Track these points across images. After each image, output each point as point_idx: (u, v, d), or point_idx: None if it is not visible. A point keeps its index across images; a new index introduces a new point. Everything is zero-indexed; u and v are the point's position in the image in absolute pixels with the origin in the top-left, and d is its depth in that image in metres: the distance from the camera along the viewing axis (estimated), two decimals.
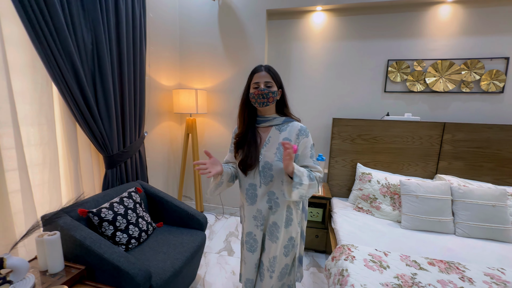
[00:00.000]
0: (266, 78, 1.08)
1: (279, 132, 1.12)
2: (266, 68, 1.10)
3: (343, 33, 2.44)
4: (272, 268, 1.19)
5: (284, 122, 1.14)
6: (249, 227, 1.20)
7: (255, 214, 1.17)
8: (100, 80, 1.61)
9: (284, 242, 1.18)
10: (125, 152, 1.85)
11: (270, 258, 1.18)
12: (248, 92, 1.12)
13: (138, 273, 1.18)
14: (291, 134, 1.11)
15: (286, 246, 1.19)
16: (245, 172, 1.13)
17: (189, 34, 2.71)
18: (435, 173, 2.21)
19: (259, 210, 1.15)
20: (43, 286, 1.09)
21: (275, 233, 1.15)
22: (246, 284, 1.27)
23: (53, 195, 1.47)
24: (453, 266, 1.37)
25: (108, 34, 1.64)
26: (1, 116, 1.19)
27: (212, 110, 2.78)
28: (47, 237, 1.15)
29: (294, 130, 1.11)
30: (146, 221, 1.66)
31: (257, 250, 1.20)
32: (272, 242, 1.16)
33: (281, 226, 1.15)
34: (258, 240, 1.19)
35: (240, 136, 1.15)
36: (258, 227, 1.18)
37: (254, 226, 1.18)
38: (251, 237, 1.20)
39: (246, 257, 1.24)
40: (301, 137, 1.10)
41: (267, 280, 1.20)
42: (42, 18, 1.23)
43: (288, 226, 1.17)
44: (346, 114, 2.52)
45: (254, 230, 1.19)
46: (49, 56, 1.30)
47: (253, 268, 1.23)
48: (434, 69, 2.26)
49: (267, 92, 1.06)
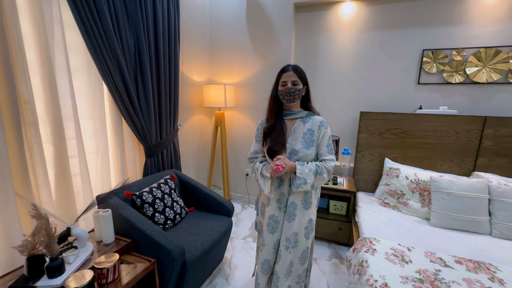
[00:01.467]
0: (293, 77, 1.22)
1: (303, 123, 1.28)
2: (293, 68, 1.24)
3: (373, 23, 2.35)
4: (291, 244, 1.26)
5: (307, 116, 1.30)
6: (272, 210, 1.30)
7: (279, 197, 1.29)
8: (141, 79, 1.81)
9: (304, 224, 1.28)
10: (161, 143, 2.05)
11: (289, 236, 1.26)
12: (277, 89, 1.28)
13: (175, 248, 1.35)
14: (313, 125, 1.27)
15: (306, 228, 1.28)
16: (272, 157, 1.25)
17: (218, 32, 2.83)
18: (472, 170, 2.07)
19: (283, 193, 1.28)
20: (99, 253, 1.32)
21: (292, 212, 1.26)
22: (263, 265, 1.34)
23: (104, 179, 1.72)
24: (483, 266, 1.32)
25: (147, 36, 1.81)
26: (66, 111, 1.42)
27: (239, 104, 2.90)
28: (102, 213, 1.37)
29: (316, 122, 1.27)
30: (180, 205, 1.85)
31: (277, 231, 1.30)
32: (289, 222, 1.26)
33: (299, 206, 1.27)
34: (279, 221, 1.30)
35: (269, 127, 1.29)
36: (281, 209, 1.29)
37: (277, 208, 1.30)
38: (273, 219, 1.30)
39: (266, 239, 1.32)
40: (322, 128, 1.27)
41: (285, 256, 1.27)
42: (95, 26, 1.43)
43: (308, 208, 1.29)
44: (374, 107, 2.45)
45: (276, 212, 1.30)
46: (100, 59, 1.50)
47: (271, 249, 1.31)
48: (476, 58, 2.08)
49: (293, 91, 1.22)
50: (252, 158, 1.38)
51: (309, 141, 1.24)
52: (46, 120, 1.35)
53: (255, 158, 1.37)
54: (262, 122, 1.37)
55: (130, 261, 1.32)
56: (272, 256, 1.33)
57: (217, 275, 1.85)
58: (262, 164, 1.30)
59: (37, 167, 1.29)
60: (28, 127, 1.25)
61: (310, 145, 1.24)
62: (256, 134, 1.39)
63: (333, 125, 2.64)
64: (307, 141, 1.24)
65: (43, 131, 1.34)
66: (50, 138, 1.37)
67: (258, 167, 1.29)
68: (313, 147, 1.24)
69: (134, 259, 1.34)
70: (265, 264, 1.34)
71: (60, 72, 1.37)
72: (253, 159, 1.38)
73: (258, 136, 1.37)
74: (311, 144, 1.24)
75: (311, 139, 1.25)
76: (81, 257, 1.23)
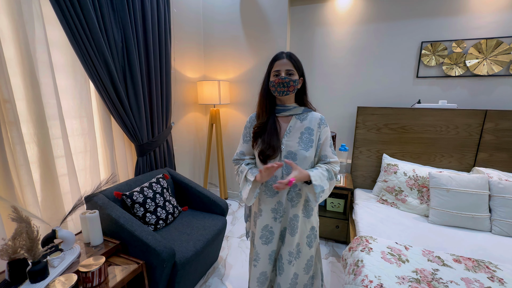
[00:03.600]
0: (288, 65, 1.04)
1: (299, 121, 1.11)
2: (288, 55, 1.06)
3: (370, 15, 2.28)
4: (293, 256, 1.15)
5: (304, 112, 1.13)
6: (266, 220, 1.15)
7: (274, 206, 1.13)
8: (130, 76, 1.75)
9: (306, 232, 1.17)
10: (154, 141, 2.01)
11: (291, 250, 1.14)
12: (268, 80, 1.09)
13: (164, 250, 1.31)
14: (312, 123, 1.10)
15: (309, 236, 1.18)
16: (265, 161, 1.07)
17: (212, 27, 2.76)
18: (473, 166, 2.02)
19: (280, 202, 1.12)
20: (87, 256, 1.28)
21: (296, 225, 1.12)
22: (259, 279, 1.21)
23: (94, 179, 1.68)
24: (483, 265, 1.28)
25: (135, 31, 1.76)
26: (50, 110, 1.37)
27: (234, 101, 2.84)
28: (89, 214, 1.33)
29: (315, 120, 1.11)
30: (173, 204, 1.81)
31: (272, 242, 1.16)
32: (292, 236, 1.13)
33: (301, 217, 1.14)
34: (274, 232, 1.15)
35: (260, 125, 1.10)
36: (277, 220, 1.13)
37: (271, 219, 1.14)
38: (267, 229, 1.15)
39: (260, 251, 1.17)
40: (322, 126, 1.11)
41: (288, 270, 1.16)
42: (78, 21, 1.37)
43: (310, 216, 1.17)
44: (372, 102, 2.39)
45: (271, 222, 1.14)
46: (85, 56, 1.45)
47: (266, 260, 1.18)
48: (476, 50, 2.02)
49: (288, 81, 1.03)
50: (238, 160, 1.20)
51: (307, 141, 1.08)
52: (29, 120, 1.30)
53: (241, 160, 1.19)
54: (251, 119, 1.18)
55: (118, 263, 1.29)
56: (268, 267, 1.20)
57: (211, 275, 1.82)
58: (248, 166, 1.13)
59: (20, 168, 1.26)
60: (9, 127, 1.21)
61: (309, 146, 1.07)
62: (244, 133, 1.19)
63: (329, 120, 2.58)
64: (305, 141, 1.07)
65: (26, 131, 1.29)
66: (33, 138, 1.33)
67: (244, 169, 1.12)
68: (312, 148, 1.08)
69: (122, 261, 1.31)
70: (262, 277, 1.21)
71: (42, 69, 1.32)
72: (238, 161, 1.20)
73: (246, 135, 1.18)
74: (310, 145, 1.08)
75: (310, 139, 1.08)
76: (67, 260, 1.20)
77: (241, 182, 1.12)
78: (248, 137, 1.18)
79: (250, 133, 1.15)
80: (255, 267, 1.21)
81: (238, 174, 1.16)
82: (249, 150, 1.18)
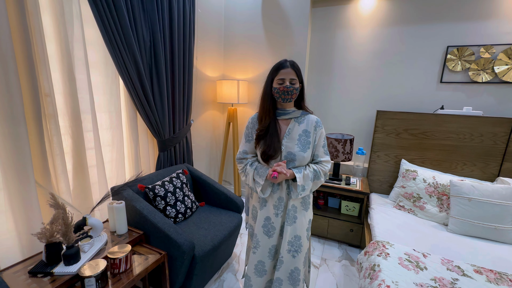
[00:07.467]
0: (291, 75, 1.14)
1: (298, 124, 1.21)
2: (291, 64, 1.16)
3: (394, 18, 2.25)
4: (294, 248, 1.20)
5: (301, 115, 1.23)
6: (267, 213, 1.23)
7: (275, 203, 1.21)
8: (156, 74, 1.82)
9: (306, 225, 1.24)
10: (174, 138, 2.08)
11: (291, 239, 1.20)
12: (271, 86, 1.18)
13: (184, 242, 1.37)
14: (309, 126, 1.21)
15: (308, 229, 1.26)
16: (267, 161, 1.18)
17: (233, 27, 2.81)
18: (497, 176, 1.95)
19: (281, 197, 1.21)
20: (112, 244, 1.36)
21: (293, 215, 1.21)
22: (257, 266, 1.26)
23: (119, 171, 1.76)
24: (506, 278, 1.25)
25: (163, 31, 1.82)
26: (83, 104, 1.46)
27: (252, 100, 2.87)
28: (116, 204, 1.41)
29: (312, 122, 1.21)
30: (191, 199, 1.87)
31: (273, 236, 1.23)
32: (290, 225, 1.20)
33: (299, 208, 1.23)
34: (276, 226, 1.22)
35: (263, 129, 1.19)
36: (278, 215, 1.21)
37: (273, 214, 1.22)
38: (269, 222, 1.23)
39: (262, 241, 1.24)
40: (318, 128, 1.22)
41: (289, 261, 1.20)
42: (112, 21, 1.44)
43: (308, 209, 1.26)
44: (392, 106, 2.36)
45: (272, 217, 1.22)
46: (117, 53, 1.53)
47: (266, 252, 1.24)
48: (506, 55, 1.94)
49: (291, 89, 1.14)
50: (241, 159, 1.29)
51: (305, 143, 1.18)
52: (65, 113, 1.39)
53: (244, 159, 1.29)
54: (253, 120, 1.27)
55: (141, 253, 1.35)
56: (267, 260, 1.25)
57: (225, 270, 1.87)
58: (252, 167, 1.23)
59: (56, 158, 1.34)
60: (48, 120, 1.29)
61: (306, 147, 1.18)
62: (246, 132, 1.28)
63: (347, 123, 2.57)
64: (303, 143, 1.18)
65: (62, 124, 1.38)
66: (68, 130, 1.41)
67: (250, 171, 1.22)
68: (309, 149, 1.18)
69: (146, 250, 1.37)
70: (259, 265, 1.26)
71: (78, 66, 1.41)
72: (242, 160, 1.29)
73: (248, 135, 1.27)
74: (307, 147, 1.18)
75: (307, 140, 1.18)
76: (96, 246, 1.27)
77: (250, 182, 1.23)
78: (250, 136, 1.27)
79: (252, 133, 1.26)
80: (254, 254, 1.27)
81: (244, 175, 1.26)
82: (251, 149, 1.28)
